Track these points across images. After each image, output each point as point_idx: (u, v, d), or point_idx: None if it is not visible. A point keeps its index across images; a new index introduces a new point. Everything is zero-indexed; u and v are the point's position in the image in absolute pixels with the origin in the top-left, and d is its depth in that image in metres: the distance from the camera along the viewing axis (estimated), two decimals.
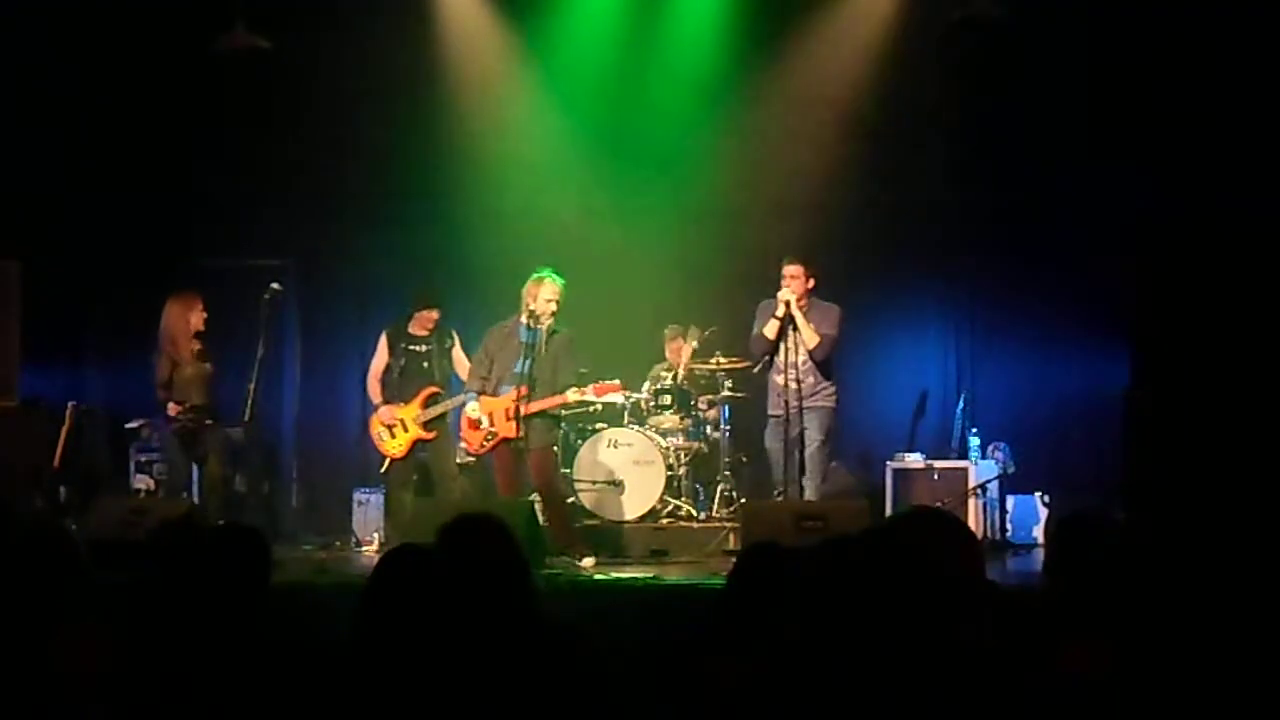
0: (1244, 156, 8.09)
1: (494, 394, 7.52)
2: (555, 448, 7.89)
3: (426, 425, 7.99)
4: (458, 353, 8.13)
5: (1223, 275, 7.69)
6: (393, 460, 8.09)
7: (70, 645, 3.17)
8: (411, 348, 8.06)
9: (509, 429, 7.39)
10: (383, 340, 8.17)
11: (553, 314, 7.50)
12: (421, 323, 8.08)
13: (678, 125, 9.50)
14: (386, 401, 8.07)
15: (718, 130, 9.44)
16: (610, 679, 3.04)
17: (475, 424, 7.55)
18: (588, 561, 7.32)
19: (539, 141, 9.53)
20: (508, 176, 9.64)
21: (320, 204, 9.97)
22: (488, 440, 7.54)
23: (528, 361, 7.41)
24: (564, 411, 7.92)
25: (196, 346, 8.11)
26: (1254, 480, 6.69)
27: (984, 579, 2.07)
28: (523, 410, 7.34)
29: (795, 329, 7.53)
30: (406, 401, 8.00)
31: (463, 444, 8.07)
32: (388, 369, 8.11)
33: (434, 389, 7.98)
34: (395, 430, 8.02)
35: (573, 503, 8.40)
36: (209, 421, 8.11)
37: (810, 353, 7.56)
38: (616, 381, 7.57)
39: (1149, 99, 8.60)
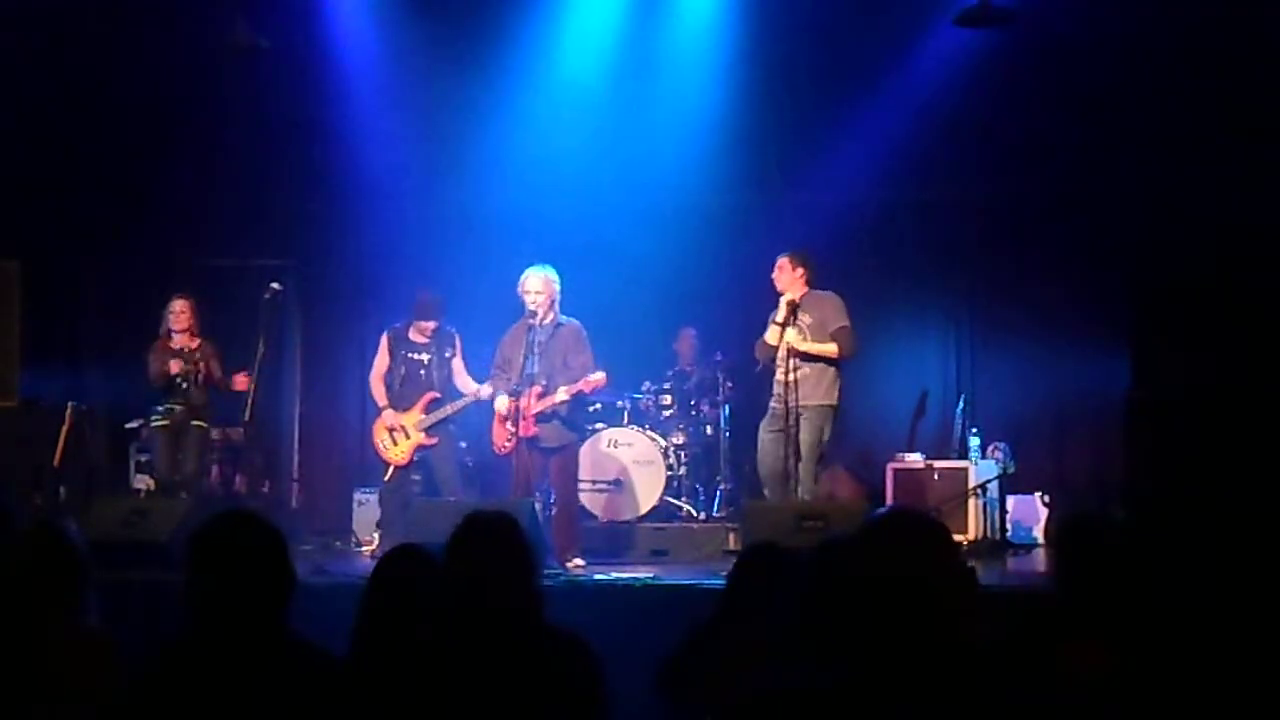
0: (1245, 156, 8.08)
1: (515, 394, 7.49)
2: (576, 450, 7.79)
3: (428, 431, 7.95)
4: (458, 363, 8.02)
5: (1223, 275, 7.69)
6: (396, 468, 8.01)
7: (69, 645, 3.17)
8: (411, 355, 7.99)
9: (523, 428, 7.38)
10: (384, 342, 8.09)
11: (550, 306, 7.48)
12: (420, 330, 8.01)
13: (678, 125, 9.49)
14: (389, 406, 8.03)
15: (718, 130, 9.42)
16: (611, 683, 3.03)
17: (502, 421, 7.52)
18: (576, 563, 7.31)
19: (540, 142, 9.52)
20: (509, 177, 9.64)
21: (320, 204, 9.97)
22: (509, 440, 7.51)
23: (534, 359, 7.40)
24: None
25: (179, 346, 8.12)
26: (1255, 480, 6.68)
27: (962, 571, 2.07)
28: (523, 409, 7.34)
29: (796, 325, 7.41)
30: (408, 408, 7.97)
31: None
32: (389, 371, 8.07)
33: (433, 394, 7.95)
34: (398, 436, 7.96)
35: None
36: (194, 423, 8.12)
37: (839, 358, 7.40)
38: (600, 375, 7.49)
39: (1151, 98, 8.60)
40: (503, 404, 7.49)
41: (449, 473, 8.06)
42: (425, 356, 7.98)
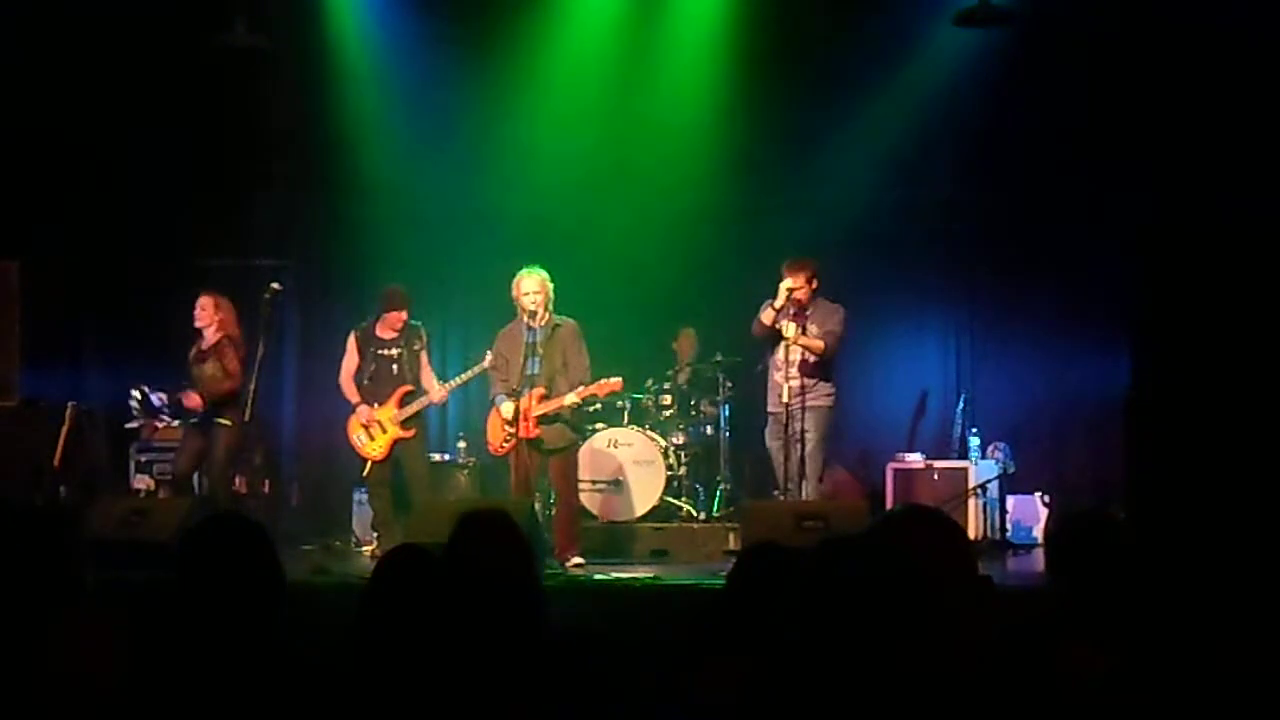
0: (1246, 156, 8.08)
1: (515, 396, 7.46)
2: (576, 450, 7.81)
3: (404, 424, 7.96)
4: (424, 358, 8.05)
5: (1224, 275, 7.68)
6: (374, 463, 8.00)
7: (68, 644, 3.17)
8: (381, 351, 7.98)
9: (524, 430, 7.37)
10: (351, 341, 8.08)
11: (546, 306, 7.47)
12: (389, 324, 7.99)
13: (680, 124, 9.49)
14: (362, 402, 8.00)
15: (720, 130, 9.43)
16: (613, 683, 3.03)
17: (505, 422, 7.50)
18: (576, 563, 7.30)
19: (540, 142, 9.52)
20: (509, 177, 9.63)
21: (320, 204, 9.97)
22: (507, 441, 7.50)
23: (535, 361, 7.40)
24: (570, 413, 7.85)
25: (203, 343, 8.13)
26: (1255, 481, 6.68)
27: (976, 575, 2.06)
28: (523, 410, 7.33)
29: (794, 323, 7.52)
30: (381, 403, 7.96)
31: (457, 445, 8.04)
32: (359, 370, 8.06)
33: (407, 388, 7.96)
34: (374, 431, 7.94)
35: None
36: (219, 420, 8.08)
37: (818, 356, 7.55)
38: (617, 380, 7.52)
39: (1151, 98, 8.60)
40: (508, 409, 7.44)
41: (419, 468, 8.05)
42: (395, 351, 7.99)
